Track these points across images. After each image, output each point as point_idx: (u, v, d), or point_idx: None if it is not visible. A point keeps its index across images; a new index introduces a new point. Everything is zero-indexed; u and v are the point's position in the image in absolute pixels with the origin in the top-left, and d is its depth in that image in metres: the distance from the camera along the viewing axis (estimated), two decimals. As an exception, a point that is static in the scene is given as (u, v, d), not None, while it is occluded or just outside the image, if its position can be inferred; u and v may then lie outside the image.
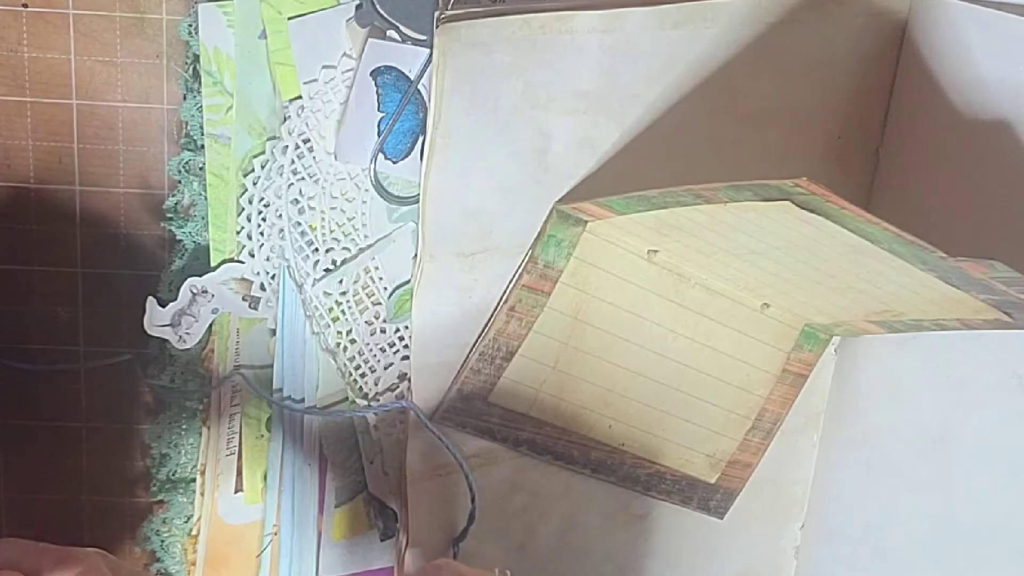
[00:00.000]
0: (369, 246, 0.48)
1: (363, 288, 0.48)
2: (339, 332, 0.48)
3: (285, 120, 0.46)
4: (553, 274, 0.47)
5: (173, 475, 0.50)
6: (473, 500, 0.49)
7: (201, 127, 0.46)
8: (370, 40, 0.45)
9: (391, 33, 0.45)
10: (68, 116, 0.46)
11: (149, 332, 0.47)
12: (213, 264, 0.47)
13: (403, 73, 0.46)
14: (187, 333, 0.47)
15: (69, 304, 0.48)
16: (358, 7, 0.45)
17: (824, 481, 0.54)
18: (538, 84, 0.45)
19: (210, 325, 0.48)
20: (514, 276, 0.47)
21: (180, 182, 0.47)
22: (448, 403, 0.48)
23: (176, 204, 0.47)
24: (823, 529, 0.54)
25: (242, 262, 0.47)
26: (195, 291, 0.47)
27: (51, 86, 0.46)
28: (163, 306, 0.47)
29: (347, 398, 0.49)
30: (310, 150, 0.46)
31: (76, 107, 0.46)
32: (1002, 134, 0.43)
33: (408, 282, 0.48)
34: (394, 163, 0.47)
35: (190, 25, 0.45)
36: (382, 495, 0.50)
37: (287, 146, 0.46)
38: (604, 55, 0.45)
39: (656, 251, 0.48)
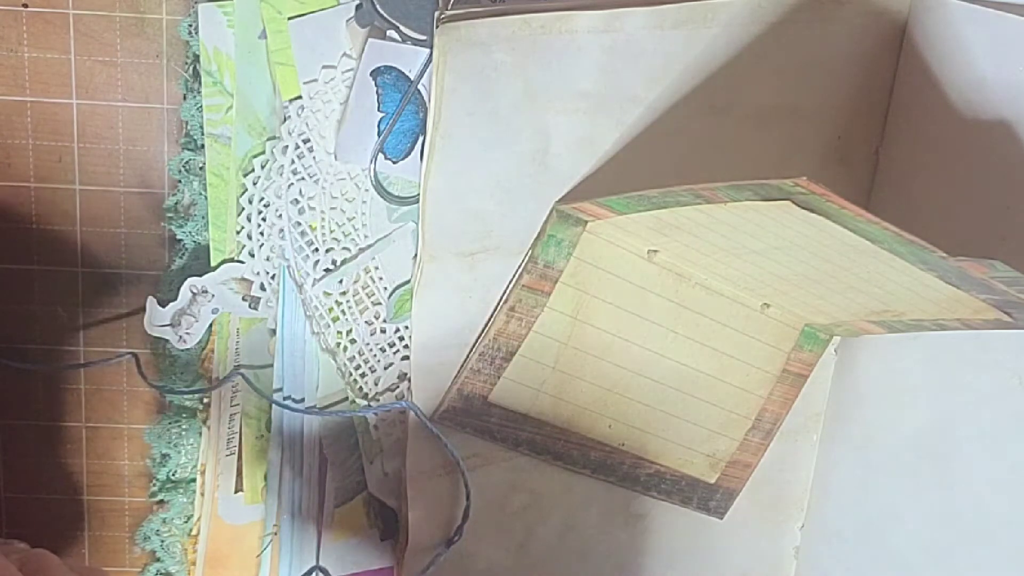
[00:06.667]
0: (369, 246, 0.48)
1: (363, 288, 0.48)
2: (339, 332, 0.48)
3: (285, 120, 0.46)
4: (553, 274, 0.47)
5: (173, 475, 0.50)
6: (468, 498, 0.49)
7: (201, 127, 0.46)
8: (370, 40, 0.45)
9: (391, 33, 0.45)
10: (68, 116, 0.46)
11: (149, 332, 0.47)
12: (213, 264, 0.47)
13: (403, 73, 0.46)
14: (187, 333, 0.47)
15: (69, 304, 0.48)
16: (358, 7, 0.45)
17: (824, 481, 0.54)
18: (538, 84, 0.45)
19: (210, 325, 0.48)
20: (514, 276, 0.47)
21: (180, 182, 0.47)
22: (448, 403, 0.48)
23: (176, 204, 0.47)
24: (823, 529, 0.54)
25: (242, 262, 0.47)
26: (195, 291, 0.47)
27: (51, 86, 0.46)
28: (163, 306, 0.47)
29: (347, 398, 0.49)
30: (310, 150, 0.46)
31: (76, 107, 0.46)
32: (1002, 134, 0.43)
33: (408, 282, 0.48)
34: (394, 163, 0.47)
35: (190, 25, 0.45)
36: (382, 495, 0.50)
37: (287, 146, 0.46)
38: (604, 55, 0.45)
39: (656, 251, 0.48)
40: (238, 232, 0.47)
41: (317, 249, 0.47)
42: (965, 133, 0.45)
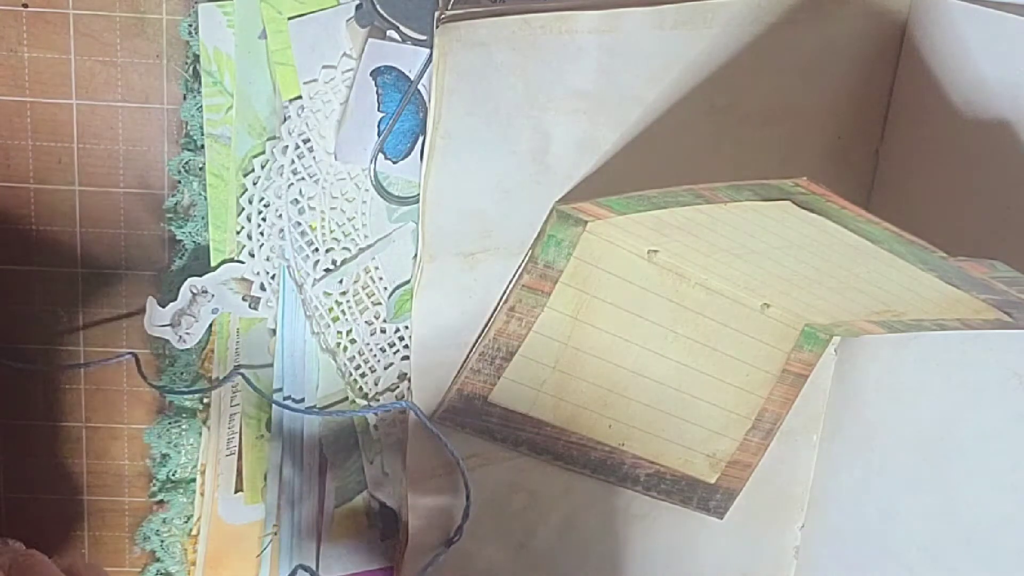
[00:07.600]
0: (369, 246, 0.48)
1: (363, 288, 0.48)
2: (339, 332, 0.48)
3: (285, 120, 0.46)
4: (553, 274, 0.47)
5: (173, 475, 0.50)
6: (468, 498, 0.49)
7: (201, 127, 0.46)
8: (370, 40, 0.45)
9: (391, 33, 0.45)
10: (68, 116, 0.46)
11: (149, 332, 0.47)
12: (213, 264, 0.47)
13: (403, 73, 0.46)
14: (187, 333, 0.47)
15: (69, 304, 0.48)
16: (358, 7, 0.45)
17: (824, 481, 0.54)
18: (538, 84, 0.45)
19: (210, 325, 0.48)
20: (514, 276, 0.47)
21: (180, 182, 0.47)
22: (448, 403, 0.48)
23: (176, 204, 0.47)
24: (823, 529, 0.54)
25: (242, 262, 0.47)
26: (195, 291, 0.47)
27: (51, 86, 0.46)
28: (163, 306, 0.47)
29: (347, 398, 0.49)
30: (310, 150, 0.46)
31: (76, 107, 0.46)
32: (1002, 134, 0.43)
33: (408, 282, 0.48)
34: (394, 163, 0.47)
35: (190, 25, 0.45)
36: (382, 495, 0.50)
37: (287, 146, 0.46)
38: (604, 55, 0.45)
39: (656, 251, 0.48)
40: (238, 232, 0.47)
41: (317, 249, 0.47)
42: (965, 133, 0.45)
